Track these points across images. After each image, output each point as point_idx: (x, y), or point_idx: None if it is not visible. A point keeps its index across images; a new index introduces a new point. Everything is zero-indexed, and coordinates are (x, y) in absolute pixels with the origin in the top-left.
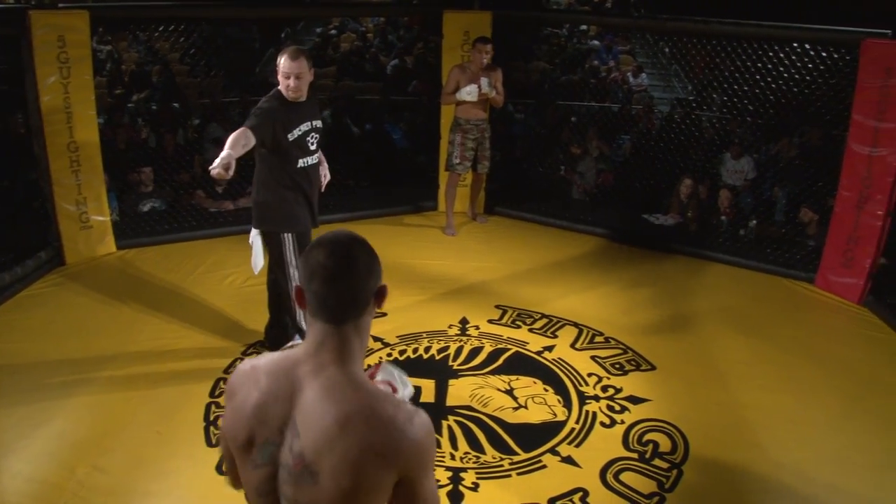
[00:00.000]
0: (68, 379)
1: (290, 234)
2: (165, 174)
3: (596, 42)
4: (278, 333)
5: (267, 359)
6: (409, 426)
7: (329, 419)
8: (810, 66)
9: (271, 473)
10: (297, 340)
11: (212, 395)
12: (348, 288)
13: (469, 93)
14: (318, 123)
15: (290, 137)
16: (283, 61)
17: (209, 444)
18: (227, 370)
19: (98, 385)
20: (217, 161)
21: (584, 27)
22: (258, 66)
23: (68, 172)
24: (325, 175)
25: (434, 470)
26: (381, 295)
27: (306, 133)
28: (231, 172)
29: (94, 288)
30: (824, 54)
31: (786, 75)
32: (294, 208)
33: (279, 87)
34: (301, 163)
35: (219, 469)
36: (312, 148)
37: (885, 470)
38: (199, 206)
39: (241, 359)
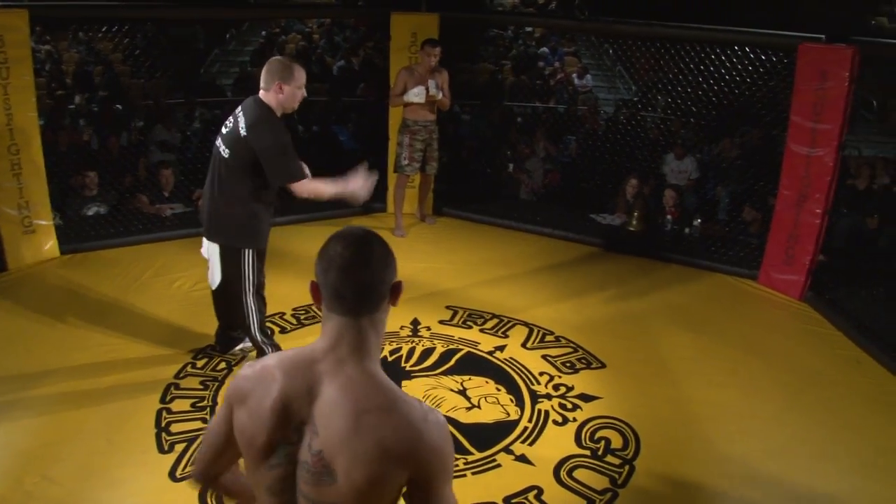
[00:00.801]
0: (13, 386)
1: (250, 250)
2: (110, 177)
3: (545, 49)
4: (229, 338)
5: (279, 357)
6: (424, 425)
7: (346, 416)
8: (750, 68)
9: (288, 472)
10: (247, 343)
11: (162, 401)
12: (365, 279)
13: (416, 94)
14: None
15: None
16: (299, 74)
17: (161, 450)
18: (178, 375)
19: (45, 394)
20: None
21: (529, 29)
22: (202, 67)
23: (9, 176)
24: None
25: (451, 479)
26: (396, 290)
27: None
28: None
29: (37, 294)
30: (763, 57)
31: (727, 77)
32: (261, 225)
33: (269, 101)
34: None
35: (172, 476)
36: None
37: (827, 460)
38: (144, 210)
39: (192, 364)
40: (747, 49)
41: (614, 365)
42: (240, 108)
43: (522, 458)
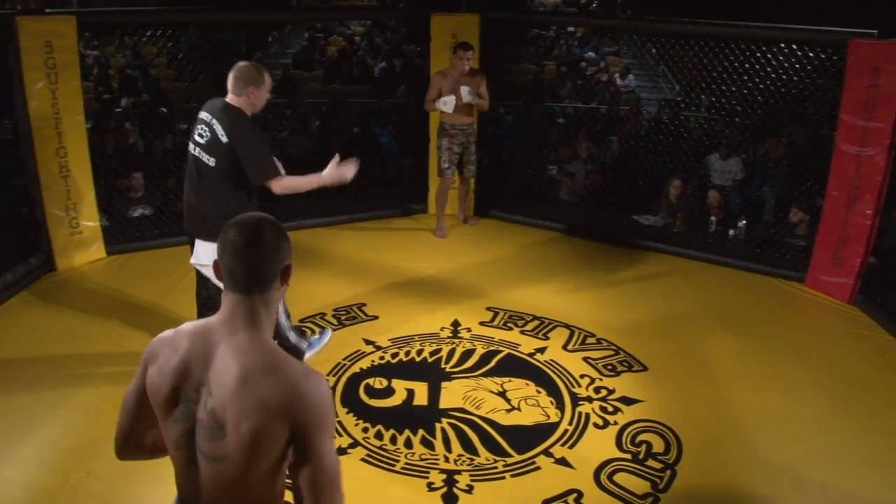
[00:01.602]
0: (60, 385)
1: None
2: (154, 179)
3: (591, 53)
4: None
5: (188, 326)
6: (305, 383)
7: (234, 375)
8: (798, 66)
9: (188, 429)
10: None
11: None
12: (255, 263)
13: (445, 103)
14: None
15: None
16: (268, 78)
17: None
18: None
19: (90, 390)
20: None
21: (570, 28)
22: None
23: (57, 178)
24: None
25: (333, 437)
26: (286, 272)
27: None
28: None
29: (84, 294)
30: (811, 55)
31: (773, 76)
32: None
33: (240, 105)
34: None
35: None
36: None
37: (875, 467)
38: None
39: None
40: (794, 46)
41: (656, 368)
42: (207, 114)
43: (562, 461)
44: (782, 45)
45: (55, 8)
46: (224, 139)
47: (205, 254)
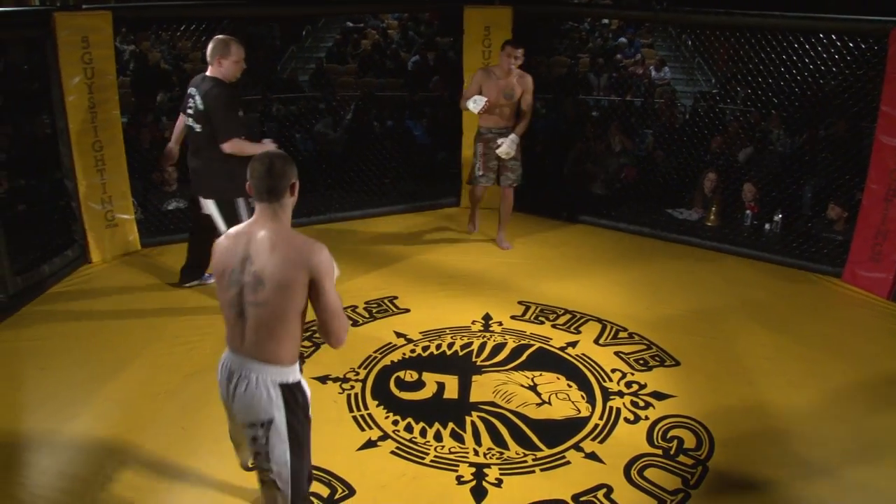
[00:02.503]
0: (95, 375)
1: (240, 199)
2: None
3: (623, 39)
4: (189, 273)
5: (232, 230)
6: (312, 247)
7: (267, 246)
8: (836, 56)
9: (238, 291)
10: (205, 280)
11: None
12: (271, 183)
13: (474, 103)
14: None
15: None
16: (236, 49)
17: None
18: None
19: (124, 381)
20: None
21: (605, 21)
22: (279, 63)
23: (93, 171)
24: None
25: (334, 286)
26: (293, 188)
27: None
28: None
29: (119, 285)
30: (851, 45)
31: (811, 67)
32: (239, 179)
33: (215, 74)
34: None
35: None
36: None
37: None
38: None
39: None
40: (833, 36)
41: (689, 363)
42: (192, 87)
43: (592, 456)
44: (821, 35)
45: (92, 3)
46: (201, 106)
47: (206, 205)
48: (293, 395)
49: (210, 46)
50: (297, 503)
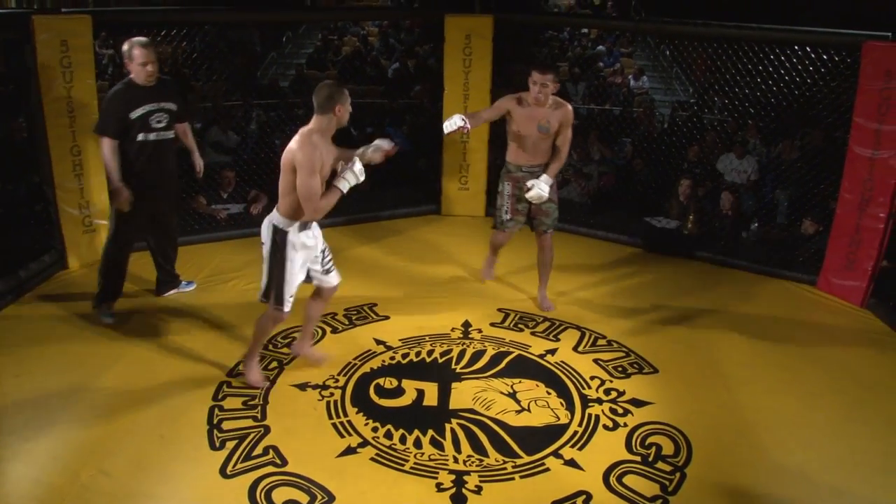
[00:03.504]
0: (72, 382)
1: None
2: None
3: (602, 48)
4: (166, 283)
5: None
6: (298, 146)
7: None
8: (811, 68)
9: None
10: (185, 287)
11: (215, 398)
12: (320, 100)
13: (450, 122)
14: (168, 105)
15: (133, 116)
16: (137, 52)
17: (213, 447)
18: (230, 374)
19: (101, 389)
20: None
21: (584, 30)
22: (259, 69)
23: (71, 176)
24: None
25: (310, 173)
26: (338, 110)
27: (150, 112)
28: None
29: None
30: (825, 57)
31: (787, 78)
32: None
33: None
34: (141, 137)
35: (222, 472)
36: (160, 125)
37: (889, 473)
38: (200, 210)
39: (243, 362)
40: (808, 48)
41: (667, 370)
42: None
43: (571, 463)
44: (796, 47)
45: (71, 7)
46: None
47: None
48: (277, 234)
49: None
50: (265, 300)
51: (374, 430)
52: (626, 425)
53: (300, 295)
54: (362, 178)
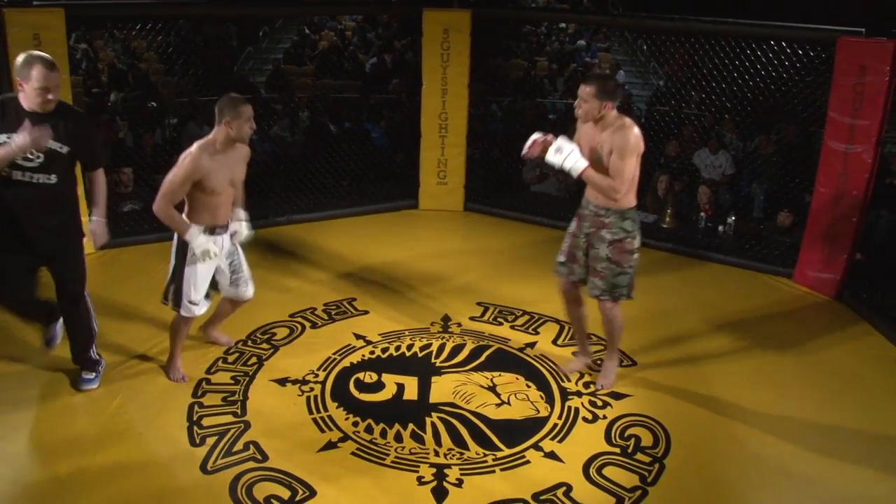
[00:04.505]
0: (49, 381)
1: None
2: (144, 174)
3: (582, 42)
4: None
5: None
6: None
7: None
8: (787, 63)
9: None
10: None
11: (194, 395)
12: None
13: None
14: (54, 145)
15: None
16: (26, 71)
17: (193, 444)
18: (209, 370)
19: (79, 387)
20: None
21: (562, 25)
22: (236, 65)
23: None
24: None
25: (173, 175)
26: (230, 124)
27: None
28: None
29: None
30: (800, 52)
31: (763, 73)
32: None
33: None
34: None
35: (203, 469)
36: (29, 165)
37: (864, 462)
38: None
39: (224, 359)
40: (784, 44)
41: (645, 363)
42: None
43: (552, 455)
44: (772, 42)
45: (43, 0)
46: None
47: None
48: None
49: None
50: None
51: (355, 424)
52: (605, 417)
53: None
54: (205, 259)
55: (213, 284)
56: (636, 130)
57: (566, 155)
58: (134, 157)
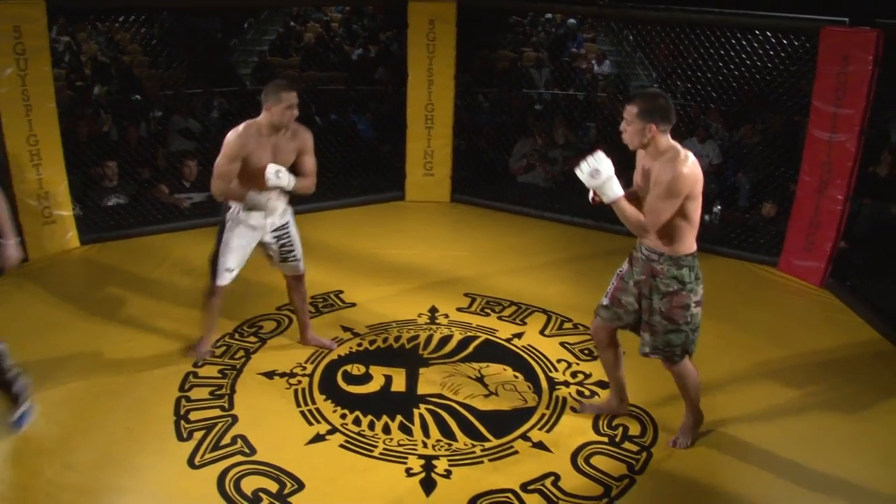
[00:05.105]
0: (35, 377)
1: None
2: (129, 167)
3: (573, 20)
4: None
5: None
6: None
7: None
8: (771, 53)
9: None
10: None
11: (181, 389)
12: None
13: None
14: None
15: None
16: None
17: (180, 438)
18: (196, 364)
19: (65, 383)
20: None
21: (548, 16)
22: (221, 57)
23: (28, 166)
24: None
25: (222, 156)
26: (269, 109)
27: None
28: None
29: (58, 284)
30: (785, 42)
31: (748, 62)
32: None
33: None
34: None
35: (190, 463)
36: None
37: (849, 449)
38: (163, 200)
39: (211, 352)
40: (769, 33)
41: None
42: None
43: (540, 445)
44: (756, 31)
45: None
46: None
47: None
48: (225, 210)
49: None
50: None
51: (343, 416)
52: None
53: None
54: (275, 182)
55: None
56: (688, 167)
57: (602, 181)
58: (118, 151)
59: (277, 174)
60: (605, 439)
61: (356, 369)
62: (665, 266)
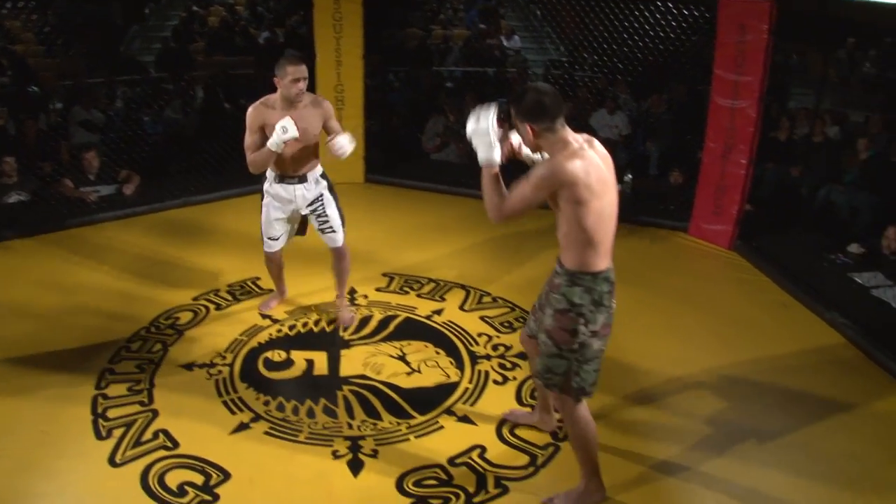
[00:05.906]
0: None
1: None
2: (29, 163)
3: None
4: None
5: None
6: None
7: None
8: (674, 24)
9: None
10: None
11: (98, 387)
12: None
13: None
14: None
15: None
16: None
17: (99, 437)
18: (112, 360)
19: None
20: None
21: None
22: (122, 44)
23: None
24: None
25: (246, 130)
26: (277, 81)
27: None
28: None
29: None
30: (686, 12)
31: (651, 34)
32: None
33: None
34: None
35: (111, 461)
36: None
37: (757, 399)
38: (68, 194)
39: (127, 347)
40: (670, 4)
41: None
42: None
43: (465, 419)
44: (659, 2)
45: None
46: None
47: None
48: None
49: None
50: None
51: (266, 403)
52: (514, 379)
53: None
54: (282, 136)
55: (302, 230)
56: (570, 161)
57: (477, 133)
58: (17, 146)
59: (284, 128)
60: (529, 409)
61: (277, 355)
62: (561, 280)
